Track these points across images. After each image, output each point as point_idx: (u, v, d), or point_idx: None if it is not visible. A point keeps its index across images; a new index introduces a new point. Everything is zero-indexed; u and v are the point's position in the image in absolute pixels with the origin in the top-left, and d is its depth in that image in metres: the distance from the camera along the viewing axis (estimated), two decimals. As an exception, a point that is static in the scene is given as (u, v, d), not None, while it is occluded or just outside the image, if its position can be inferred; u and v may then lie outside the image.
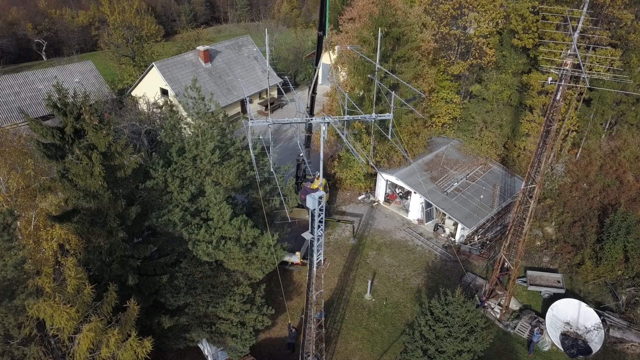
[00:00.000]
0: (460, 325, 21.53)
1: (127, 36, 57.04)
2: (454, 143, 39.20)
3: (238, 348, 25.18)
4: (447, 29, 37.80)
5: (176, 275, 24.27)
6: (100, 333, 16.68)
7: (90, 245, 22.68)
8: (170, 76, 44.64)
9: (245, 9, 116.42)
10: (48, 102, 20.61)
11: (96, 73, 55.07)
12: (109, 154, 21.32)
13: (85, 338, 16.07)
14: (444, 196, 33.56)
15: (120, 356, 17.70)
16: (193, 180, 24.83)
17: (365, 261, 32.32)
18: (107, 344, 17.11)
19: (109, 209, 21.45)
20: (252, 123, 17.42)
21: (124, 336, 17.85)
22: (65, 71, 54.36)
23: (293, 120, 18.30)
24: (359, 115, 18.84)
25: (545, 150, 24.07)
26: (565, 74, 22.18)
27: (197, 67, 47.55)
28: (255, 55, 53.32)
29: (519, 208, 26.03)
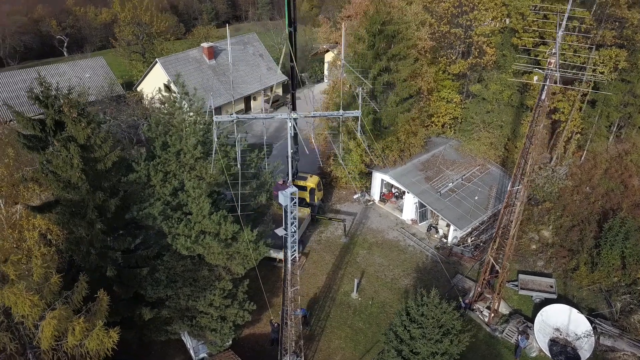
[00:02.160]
0: (435, 327, 21.23)
1: (137, 33, 57.95)
2: (452, 143, 38.69)
3: (217, 342, 25.29)
4: (447, 27, 37.30)
5: (158, 268, 24.49)
6: (64, 321, 16.90)
7: (72, 236, 23.06)
8: (173, 72, 45.02)
9: (267, 7, 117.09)
10: (30, 95, 21.02)
11: (107, 69, 56.03)
12: (89, 146, 21.61)
13: (49, 325, 16.31)
14: (437, 196, 33.14)
15: (87, 345, 17.95)
16: (177, 175, 25.02)
17: (355, 260, 32.14)
18: (73, 333, 17.37)
19: (88, 200, 21.78)
20: (217, 118, 17.50)
21: (92, 325, 18.07)
22: (76, 67, 55.47)
23: (258, 116, 18.30)
24: (327, 112, 18.67)
25: (531, 151, 23.58)
26: (550, 74, 21.68)
27: (201, 64, 47.97)
28: (261, 53, 53.50)
29: (506, 210, 25.54)
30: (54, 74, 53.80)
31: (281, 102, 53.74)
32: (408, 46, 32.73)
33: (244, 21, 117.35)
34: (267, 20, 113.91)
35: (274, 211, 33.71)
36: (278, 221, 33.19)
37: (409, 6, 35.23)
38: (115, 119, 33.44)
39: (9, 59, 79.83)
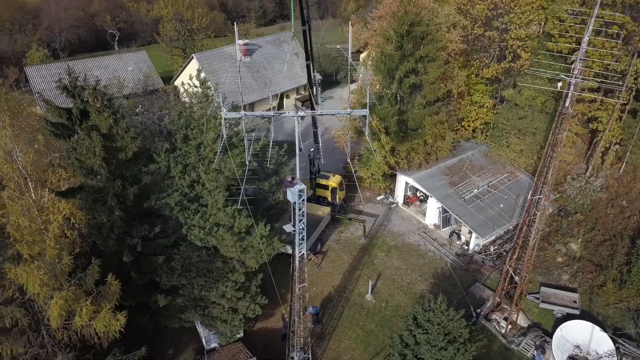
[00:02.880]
0: (440, 333, 20.88)
1: (179, 29, 59.55)
2: (481, 149, 37.79)
3: (227, 333, 25.71)
4: (481, 30, 36.44)
5: (174, 257, 25.15)
6: (72, 302, 17.66)
7: (94, 221, 24.03)
8: (208, 68, 46.15)
9: (313, 7, 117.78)
10: (59, 84, 22.02)
11: (149, 63, 57.91)
12: (111, 136, 22.46)
13: (56, 305, 17.07)
14: (460, 202, 32.47)
15: (95, 326, 18.71)
16: (196, 167, 25.59)
17: (372, 262, 31.94)
18: (80, 314, 18.13)
19: (108, 188, 22.64)
20: (226, 115, 17.85)
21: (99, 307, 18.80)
22: (120, 60, 57.61)
23: (265, 114, 18.51)
24: (334, 111, 18.72)
25: (554, 160, 22.80)
26: (574, 81, 20.92)
27: (236, 61, 48.80)
28: (296, 52, 53.88)
29: (526, 220, 24.78)
30: (99, 67, 56.08)
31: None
32: (437, 48, 32.20)
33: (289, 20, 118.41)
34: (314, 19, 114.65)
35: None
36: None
37: (440, 7, 34.65)
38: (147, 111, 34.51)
39: (59, 51, 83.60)
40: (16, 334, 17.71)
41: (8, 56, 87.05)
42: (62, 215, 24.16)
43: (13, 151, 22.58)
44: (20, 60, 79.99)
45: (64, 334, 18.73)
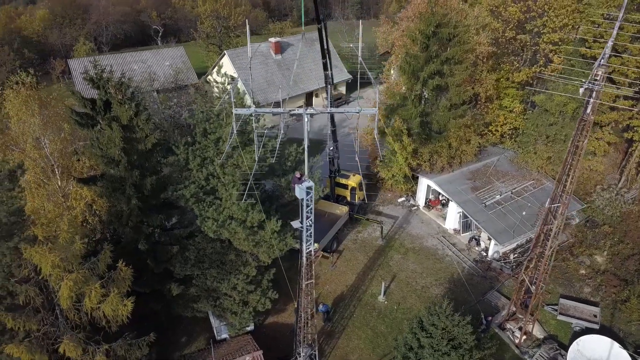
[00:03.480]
0: (444, 338, 20.63)
1: (216, 26, 60.71)
2: (508, 154, 36.93)
3: (236, 325, 26.14)
4: (513, 33, 35.62)
5: (189, 247, 25.79)
6: (81, 284, 18.37)
7: (113, 209, 24.92)
8: (239, 64, 46.91)
9: (356, 7, 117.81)
10: (85, 76, 22.97)
11: (185, 58, 59.33)
12: (131, 127, 23.24)
13: (65, 285, 17.81)
14: (480, 207, 31.86)
15: (103, 309, 19.41)
16: (214, 161, 26.14)
17: (388, 263, 31.77)
18: (90, 296, 18.86)
19: (127, 177, 23.44)
20: (236, 111, 18.18)
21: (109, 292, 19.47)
22: (158, 55, 59.25)
23: (276, 111, 18.73)
24: (342, 109, 18.78)
25: (573, 168, 22.11)
26: (595, 87, 20.23)
27: (267, 58, 49.41)
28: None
29: (542, 228, 24.12)
30: (137, 61, 57.93)
31: (343, 100, 54.04)
32: (465, 50, 31.66)
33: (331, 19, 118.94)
34: (354, 19, 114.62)
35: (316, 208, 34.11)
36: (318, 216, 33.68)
37: (470, 9, 34.06)
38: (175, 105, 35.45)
39: (103, 45, 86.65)
40: (29, 312, 18.56)
41: (58, 49, 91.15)
42: (84, 202, 25.21)
43: (41, 138, 23.68)
44: (68, 52, 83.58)
45: (74, 315, 19.51)
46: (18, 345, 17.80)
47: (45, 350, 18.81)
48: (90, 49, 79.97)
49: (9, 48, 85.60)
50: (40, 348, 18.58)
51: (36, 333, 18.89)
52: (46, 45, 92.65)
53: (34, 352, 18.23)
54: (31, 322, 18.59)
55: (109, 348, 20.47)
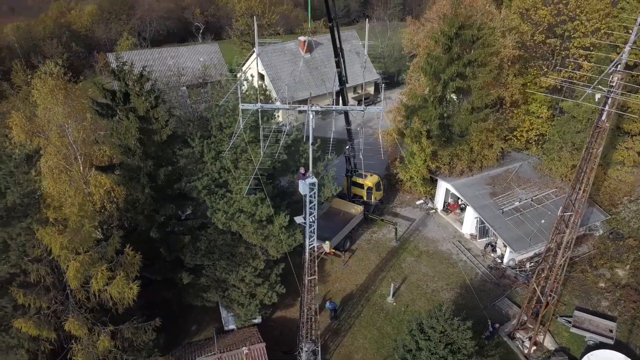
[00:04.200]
0: (441, 342, 20.47)
1: (250, 23, 61.66)
2: (531, 161, 36.02)
3: (242, 317, 26.63)
4: (542, 36, 34.69)
5: (200, 238, 26.46)
6: (88, 266, 19.19)
7: (129, 197, 25.85)
8: (268, 62, 47.57)
9: (398, 7, 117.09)
10: (107, 67, 23.93)
11: (219, 55, 60.59)
12: (147, 118, 24.07)
13: (72, 266, 18.67)
14: (498, 213, 31.23)
15: (110, 291, 20.21)
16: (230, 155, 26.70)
17: (400, 265, 31.61)
18: (96, 278, 19.68)
19: (142, 167, 24.29)
20: (243, 106, 18.60)
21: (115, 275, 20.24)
22: (193, 51, 60.75)
23: (280, 107, 19.05)
24: (348, 107, 18.88)
25: (588, 176, 21.47)
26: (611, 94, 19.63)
27: (296, 56, 49.87)
28: (358, 51, 54.04)
29: (553, 236, 23.52)
30: (173, 56, 59.55)
31: (371, 100, 53.93)
32: (489, 53, 31.10)
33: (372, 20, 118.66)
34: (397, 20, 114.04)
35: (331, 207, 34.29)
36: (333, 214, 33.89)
37: (498, 10, 33.39)
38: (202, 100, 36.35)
39: (143, 40, 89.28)
40: (40, 290, 19.52)
41: (103, 43, 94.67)
42: (103, 189, 26.25)
43: (65, 126, 24.82)
44: (113, 47, 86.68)
45: (83, 295, 20.39)
46: (27, 320, 18.77)
47: (53, 328, 19.74)
48: (132, 44, 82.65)
49: (57, 41, 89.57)
50: (48, 325, 19.51)
51: (46, 310, 19.86)
52: (93, 39, 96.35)
53: (42, 328, 19.18)
54: (41, 299, 19.56)
55: (114, 330, 21.33)
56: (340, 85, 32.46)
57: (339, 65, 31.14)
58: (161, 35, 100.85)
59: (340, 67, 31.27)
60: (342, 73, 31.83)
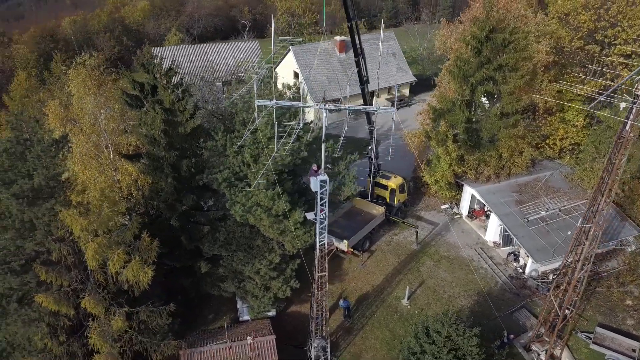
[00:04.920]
0: (445, 347, 20.33)
1: (290, 22, 62.45)
2: (563, 170, 34.89)
3: (255, 308, 27.17)
4: (581, 42, 33.57)
5: (219, 229, 27.19)
6: (105, 248, 20.13)
7: (154, 186, 26.89)
8: (303, 61, 48.04)
9: (447, 10, 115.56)
10: (138, 60, 24.97)
11: (258, 52, 61.71)
12: (172, 110, 24.96)
13: (90, 247, 19.65)
14: (522, 222, 30.48)
15: (126, 274, 21.13)
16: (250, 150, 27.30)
17: (418, 268, 31.37)
18: (113, 260, 20.63)
19: (166, 157, 25.23)
20: (259, 102, 19.08)
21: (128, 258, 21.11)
22: (233, 47, 62.09)
23: (296, 104, 19.39)
24: (360, 106, 19.05)
25: (609, 187, 20.77)
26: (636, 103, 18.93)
27: (331, 56, 50.10)
28: (394, 52, 53.73)
29: (571, 248, 22.83)
30: (214, 52, 61.10)
31: (405, 102, 53.52)
32: (521, 58, 30.34)
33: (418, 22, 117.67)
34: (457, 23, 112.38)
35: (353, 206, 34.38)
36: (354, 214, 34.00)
37: (533, 14, 32.52)
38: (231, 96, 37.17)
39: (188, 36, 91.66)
40: (61, 268, 20.62)
41: (153, 38, 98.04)
42: (130, 177, 27.39)
43: (97, 115, 26.07)
44: (161, 42, 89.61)
45: (101, 276, 21.40)
46: (47, 296, 19.88)
47: (72, 305, 20.82)
48: (179, 39, 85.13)
49: (110, 35, 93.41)
50: (67, 301, 20.58)
51: (66, 288, 20.96)
52: (143, 34, 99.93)
53: (60, 304, 20.25)
54: (62, 277, 20.63)
55: (130, 311, 22.29)
56: (361, 85, 32.43)
57: (359, 64, 31.22)
58: (209, 32, 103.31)
59: (359, 66, 31.32)
60: (362, 73, 31.80)
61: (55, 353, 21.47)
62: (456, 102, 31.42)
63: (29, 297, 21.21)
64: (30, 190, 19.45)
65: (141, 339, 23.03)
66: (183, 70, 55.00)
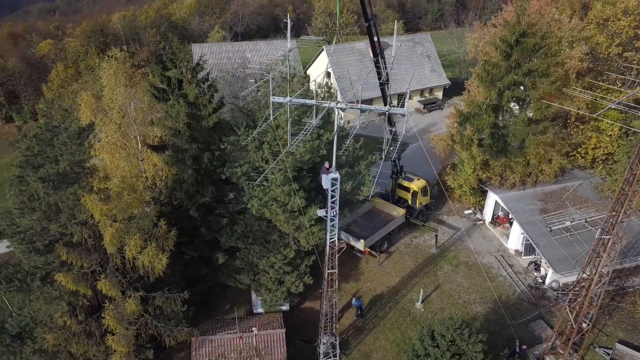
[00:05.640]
0: (449, 350, 20.23)
1: (327, 22, 62.84)
2: (594, 180, 33.76)
3: (268, 301, 27.65)
4: (619, 49, 32.39)
5: (238, 222, 27.85)
6: (122, 233, 21.04)
7: (176, 177, 27.80)
8: (335, 60, 48.34)
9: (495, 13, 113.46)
10: (167, 55, 25.95)
11: (294, 51, 62.41)
12: (196, 104, 25.76)
13: (108, 232, 20.60)
14: (545, 231, 29.74)
15: (142, 259, 21.99)
16: (271, 145, 27.82)
17: (435, 272, 31.12)
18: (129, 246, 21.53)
19: (187, 149, 26.06)
20: (273, 99, 19.53)
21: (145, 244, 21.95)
22: (270, 46, 62.95)
23: (309, 102, 19.69)
24: (372, 106, 19.18)
25: (630, 198, 20.11)
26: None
27: (364, 56, 50.10)
28: (429, 54, 53.25)
29: (590, 260, 22.19)
30: (252, 49, 62.19)
31: (437, 105, 52.92)
32: (552, 63, 29.61)
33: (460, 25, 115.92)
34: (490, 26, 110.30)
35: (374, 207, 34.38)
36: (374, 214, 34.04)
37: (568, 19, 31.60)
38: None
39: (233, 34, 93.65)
40: (82, 250, 21.69)
41: (197, 34, 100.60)
42: (155, 167, 28.43)
43: (126, 106, 27.20)
44: (204, 39, 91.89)
45: (119, 260, 22.38)
46: (66, 275, 20.97)
47: (90, 286, 21.88)
48: (221, 37, 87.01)
49: (156, 31, 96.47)
50: (85, 282, 21.64)
51: (86, 270, 22.03)
52: (188, 30, 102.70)
53: (79, 284, 21.32)
54: (82, 259, 21.70)
55: (145, 295, 23.22)
56: (380, 85, 32.38)
57: (378, 64, 31.15)
58: (252, 30, 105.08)
59: (378, 67, 31.24)
60: (382, 73, 31.71)
61: (73, 331, 22.63)
62: (482, 107, 30.96)
63: (52, 276, 22.37)
64: (55, 175, 20.53)
65: (156, 323, 23.95)
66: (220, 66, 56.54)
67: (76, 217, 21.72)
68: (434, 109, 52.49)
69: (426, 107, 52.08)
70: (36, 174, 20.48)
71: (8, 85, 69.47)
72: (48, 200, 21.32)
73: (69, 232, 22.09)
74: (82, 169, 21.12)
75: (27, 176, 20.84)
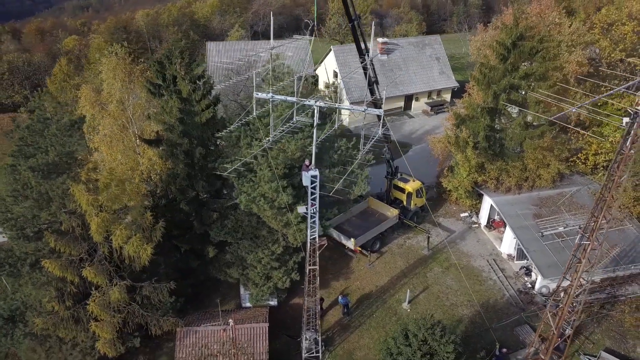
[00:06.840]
0: (420, 349, 20.40)
1: (341, 22, 62.98)
2: (592, 187, 33.27)
3: (254, 296, 28.15)
4: (622, 54, 31.86)
5: (229, 216, 28.43)
6: (108, 223, 21.80)
7: (170, 171, 28.51)
8: (342, 60, 48.55)
9: None
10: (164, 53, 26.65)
11: (307, 51, 62.87)
12: (189, 100, 26.41)
13: (94, 222, 21.37)
14: (536, 236, 29.50)
15: (127, 249, 22.73)
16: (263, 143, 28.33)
17: (425, 274, 31.16)
18: (115, 235, 22.28)
19: (179, 144, 26.74)
20: (257, 95, 20.02)
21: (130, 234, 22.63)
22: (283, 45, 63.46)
23: (290, 99, 20.08)
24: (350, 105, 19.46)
25: (609, 204, 19.95)
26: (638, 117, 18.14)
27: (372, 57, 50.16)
28: (438, 56, 53.00)
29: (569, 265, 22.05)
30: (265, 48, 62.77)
31: (445, 107, 52.65)
32: (550, 67, 29.35)
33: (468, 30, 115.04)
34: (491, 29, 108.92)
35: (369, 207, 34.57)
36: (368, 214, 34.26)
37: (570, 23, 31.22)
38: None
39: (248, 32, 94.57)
40: (70, 238, 22.51)
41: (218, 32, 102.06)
42: (149, 161, 29.18)
43: (124, 101, 28.00)
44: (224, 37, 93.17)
45: (106, 249, 23.16)
46: (53, 262, 21.81)
47: (76, 273, 22.69)
48: (240, 36, 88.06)
49: (178, 29, 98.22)
50: (72, 269, 22.45)
51: (74, 257, 22.86)
52: (209, 29, 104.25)
53: (65, 271, 22.13)
54: (71, 247, 22.54)
55: (134, 285, 23.99)
56: (369, 86, 32.48)
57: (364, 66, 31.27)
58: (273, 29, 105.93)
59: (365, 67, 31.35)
60: (370, 73, 31.81)
61: (62, 316, 23.47)
62: (476, 109, 30.87)
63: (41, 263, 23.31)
64: (45, 165, 21.42)
65: (142, 312, 24.69)
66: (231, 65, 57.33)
67: (66, 206, 22.57)
68: (441, 111, 52.24)
69: (433, 109, 51.89)
70: (27, 163, 21.35)
71: (34, 79, 71.76)
72: (39, 189, 22.23)
73: (59, 220, 22.98)
74: (73, 160, 21.90)
75: (18, 165, 21.72)
